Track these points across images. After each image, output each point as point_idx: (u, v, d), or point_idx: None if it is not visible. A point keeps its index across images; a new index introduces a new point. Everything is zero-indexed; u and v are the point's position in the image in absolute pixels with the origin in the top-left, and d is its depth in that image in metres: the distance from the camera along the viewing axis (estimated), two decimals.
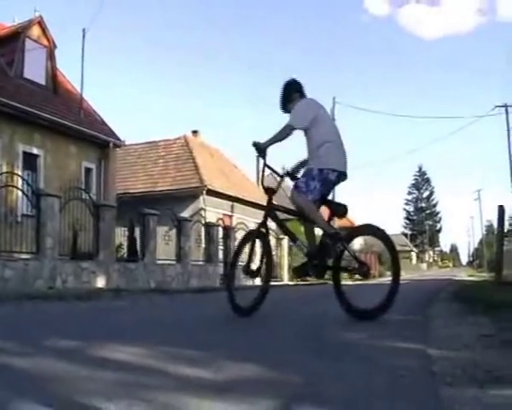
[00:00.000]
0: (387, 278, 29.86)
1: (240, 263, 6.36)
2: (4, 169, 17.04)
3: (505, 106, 35.74)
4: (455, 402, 2.33)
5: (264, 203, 6.64)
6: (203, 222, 20.98)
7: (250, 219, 30.31)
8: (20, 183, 14.87)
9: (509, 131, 34.93)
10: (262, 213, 6.64)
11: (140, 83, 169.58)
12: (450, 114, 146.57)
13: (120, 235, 17.60)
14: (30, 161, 18.88)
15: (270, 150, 6.07)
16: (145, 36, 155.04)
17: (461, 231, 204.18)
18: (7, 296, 8.01)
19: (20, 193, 14.80)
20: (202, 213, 25.52)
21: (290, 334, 4.86)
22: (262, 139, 6.00)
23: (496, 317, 5.40)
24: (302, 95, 6.22)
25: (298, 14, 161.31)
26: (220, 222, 22.97)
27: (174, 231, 18.57)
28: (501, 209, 9.93)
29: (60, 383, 2.71)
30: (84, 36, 21.53)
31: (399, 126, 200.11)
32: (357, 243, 53.16)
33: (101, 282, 14.24)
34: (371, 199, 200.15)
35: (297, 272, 6.42)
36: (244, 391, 2.60)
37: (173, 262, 18.17)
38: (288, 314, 7.01)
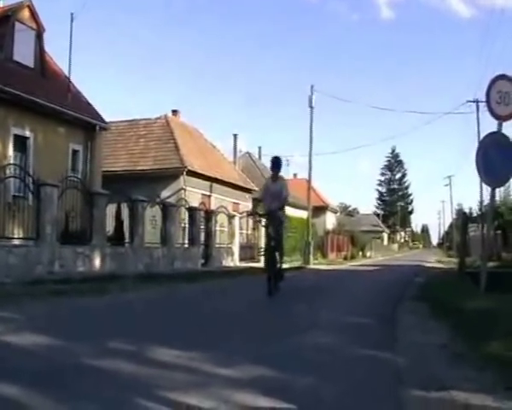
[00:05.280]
0: (360, 262, 31.30)
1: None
2: None
3: (476, 101, 37.09)
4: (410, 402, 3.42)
5: (242, 184, 8.47)
6: (186, 206, 21.86)
7: (228, 199, 31.33)
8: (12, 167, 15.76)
9: (479, 125, 36.35)
10: (239, 193, 8.34)
11: (120, 59, 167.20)
12: (428, 101, 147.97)
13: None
14: (20, 142, 19.56)
15: None
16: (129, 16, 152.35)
17: (432, 212, 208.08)
18: (32, 293, 8.90)
19: (9, 173, 15.64)
20: (182, 193, 26.42)
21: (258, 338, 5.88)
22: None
23: (452, 323, 6.52)
24: None
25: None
26: (202, 206, 23.90)
27: (160, 214, 19.43)
28: (464, 217, 11.07)
29: (137, 382, 3.74)
30: (72, 20, 22.01)
31: (376, 114, 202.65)
32: (330, 222, 54.52)
33: (95, 266, 15.18)
34: (345, 179, 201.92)
35: None
36: None
37: (158, 245, 19.08)
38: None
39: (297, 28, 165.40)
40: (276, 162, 11.41)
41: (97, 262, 15.41)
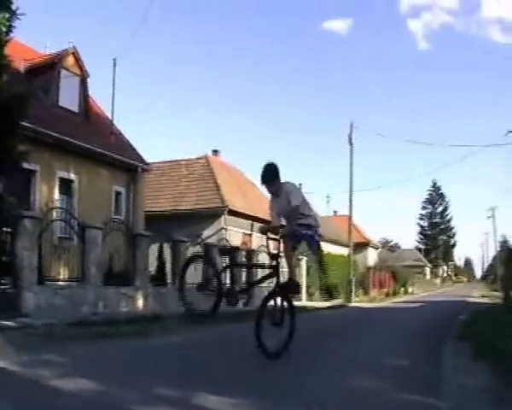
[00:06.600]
0: (402, 298, 30.75)
1: None
2: (44, 195, 18.41)
3: None
4: None
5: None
6: (228, 246, 21.95)
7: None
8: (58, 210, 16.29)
9: None
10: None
11: (161, 101, 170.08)
12: (470, 132, 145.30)
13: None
14: (66, 185, 20.07)
15: None
16: (170, 57, 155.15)
17: (475, 244, 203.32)
18: (78, 336, 9.07)
19: (55, 216, 16.13)
20: (224, 232, 26.62)
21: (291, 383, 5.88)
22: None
23: (495, 364, 6.46)
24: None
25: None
26: (243, 245, 24.01)
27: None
28: (508, 249, 10.91)
29: None
30: (114, 65, 22.65)
31: (416, 147, 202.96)
32: (371, 258, 54.04)
33: (138, 306, 15.38)
34: (386, 214, 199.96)
35: None
36: None
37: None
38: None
39: (333, 64, 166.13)
40: (265, 173, 7.43)
41: (140, 303, 15.63)
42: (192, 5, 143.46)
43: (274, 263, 7.55)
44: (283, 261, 7.84)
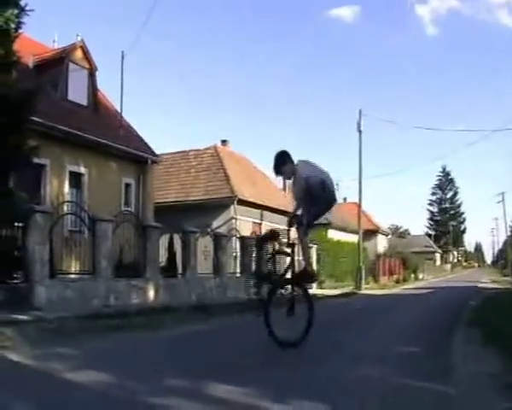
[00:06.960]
0: (413, 285, 30.73)
1: None
2: (55, 189, 18.58)
3: None
4: None
5: (291, 210, 7.79)
6: (238, 236, 22.06)
7: (278, 226, 31.37)
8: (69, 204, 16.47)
9: None
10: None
11: (169, 92, 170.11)
12: (480, 117, 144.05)
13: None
14: (76, 179, 20.23)
15: None
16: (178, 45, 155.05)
17: (485, 230, 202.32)
18: (89, 329, 9.21)
19: (65, 210, 16.31)
20: (233, 222, 26.69)
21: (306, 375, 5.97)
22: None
23: (505, 351, 6.54)
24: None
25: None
26: (253, 234, 24.09)
27: (211, 243, 19.70)
28: None
29: None
30: (122, 58, 22.68)
31: (425, 133, 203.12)
32: (381, 245, 53.97)
33: (149, 298, 15.51)
34: (395, 200, 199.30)
35: None
36: None
37: (211, 275, 19.31)
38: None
39: (341, 52, 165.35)
40: (274, 163, 7.62)
41: (151, 294, 15.75)
42: (194, 5, 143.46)
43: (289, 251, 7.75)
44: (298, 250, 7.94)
